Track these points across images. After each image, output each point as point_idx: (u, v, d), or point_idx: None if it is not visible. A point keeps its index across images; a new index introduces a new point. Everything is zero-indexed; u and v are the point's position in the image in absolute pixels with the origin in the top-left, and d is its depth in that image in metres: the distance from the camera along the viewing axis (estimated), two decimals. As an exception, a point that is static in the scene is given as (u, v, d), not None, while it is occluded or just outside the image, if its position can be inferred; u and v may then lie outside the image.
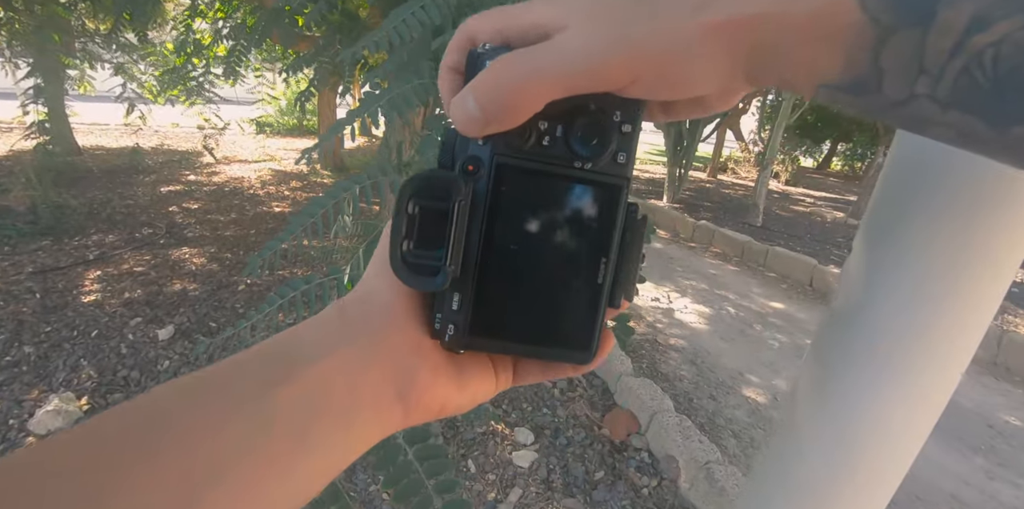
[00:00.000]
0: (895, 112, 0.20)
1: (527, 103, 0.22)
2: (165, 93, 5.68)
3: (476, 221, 0.24)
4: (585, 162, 0.24)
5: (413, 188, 0.23)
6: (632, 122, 0.24)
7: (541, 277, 0.25)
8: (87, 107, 8.46)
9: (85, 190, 4.97)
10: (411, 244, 0.24)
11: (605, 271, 0.25)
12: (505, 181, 0.24)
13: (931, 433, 0.42)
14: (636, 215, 0.25)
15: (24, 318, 2.60)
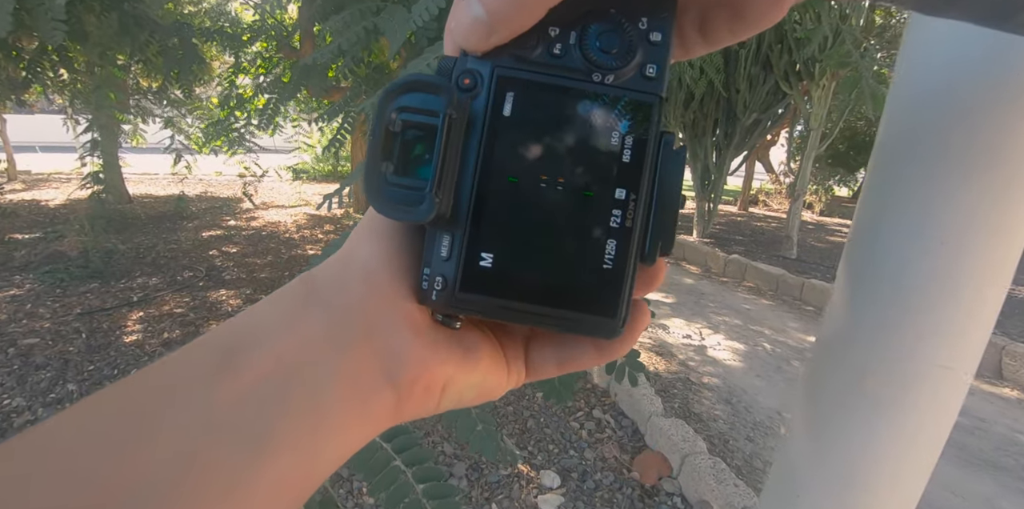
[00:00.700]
0: None
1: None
2: (210, 144, 6.06)
3: (472, 145, 0.20)
4: (606, 74, 0.20)
5: (396, 95, 0.19)
6: (663, 30, 0.20)
7: (552, 218, 0.20)
8: (138, 158, 9.04)
9: (133, 236, 5.25)
10: (391, 166, 0.19)
11: (635, 212, 0.20)
12: (508, 97, 0.20)
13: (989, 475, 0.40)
14: (672, 145, 0.20)
15: (70, 357, 2.72)
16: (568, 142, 0.20)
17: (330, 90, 3.55)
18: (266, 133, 4.56)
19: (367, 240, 0.21)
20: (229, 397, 0.16)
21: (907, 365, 0.38)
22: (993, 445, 2.44)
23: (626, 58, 0.20)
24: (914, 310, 0.37)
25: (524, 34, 0.19)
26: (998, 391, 3.04)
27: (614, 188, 0.20)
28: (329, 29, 1.55)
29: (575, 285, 0.20)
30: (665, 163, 0.20)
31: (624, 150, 0.20)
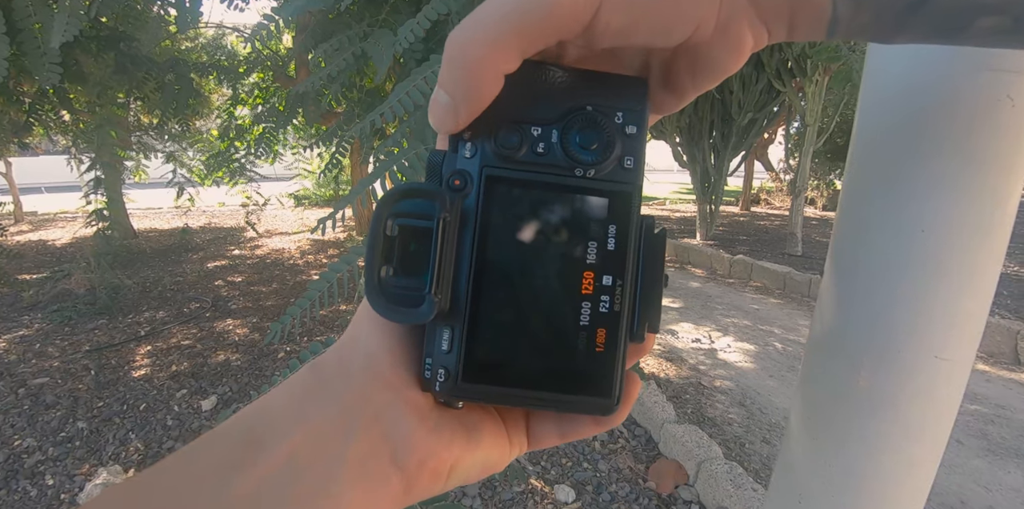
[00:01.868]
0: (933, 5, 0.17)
1: (485, 67, 0.18)
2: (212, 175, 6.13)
3: (466, 242, 0.21)
4: (587, 169, 0.21)
5: (391, 204, 0.20)
6: (637, 123, 0.21)
7: (545, 307, 0.21)
8: (142, 193, 9.15)
9: (139, 270, 5.29)
10: (390, 270, 0.20)
11: (622, 297, 0.21)
12: (497, 195, 0.21)
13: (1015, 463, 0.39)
14: (653, 228, 0.22)
15: (79, 395, 2.72)
16: (556, 235, 0.21)
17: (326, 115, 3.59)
18: (266, 161, 4.61)
19: (369, 327, 0.22)
20: (246, 490, 0.17)
21: (901, 358, 0.37)
22: (1016, 432, 2.39)
23: (605, 153, 0.21)
24: (903, 301, 0.37)
25: (508, 133, 0.21)
26: (1016, 377, 2.98)
27: (601, 275, 0.21)
28: (319, 56, 1.58)
29: (571, 370, 0.21)
30: (647, 246, 0.21)
31: (608, 238, 0.21)
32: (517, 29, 0.18)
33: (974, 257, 0.36)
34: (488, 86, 0.19)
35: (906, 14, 0.17)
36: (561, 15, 0.17)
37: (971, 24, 0.17)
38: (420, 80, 1.23)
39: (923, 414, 0.38)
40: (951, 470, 2.12)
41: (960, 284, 0.36)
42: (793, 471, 0.41)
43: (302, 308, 1.03)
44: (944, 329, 0.37)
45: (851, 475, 0.38)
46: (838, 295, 0.40)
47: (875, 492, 0.39)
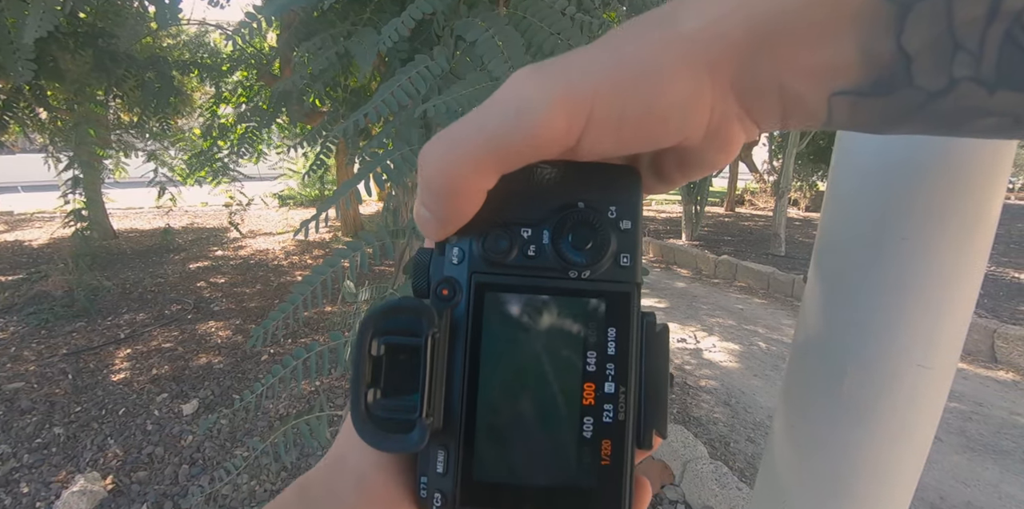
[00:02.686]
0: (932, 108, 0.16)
1: (463, 188, 0.18)
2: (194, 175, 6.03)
3: (457, 356, 0.20)
4: (582, 270, 0.20)
5: (375, 323, 0.19)
6: (632, 217, 0.20)
7: (545, 421, 0.20)
8: (122, 193, 8.98)
9: (119, 271, 5.19)
10: (378, 393, 0.19)
11: (626, 404, 0.20)
12: (488, 303, 0.20)
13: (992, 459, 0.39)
14: (654, 326, 0.20)
15: (56, 399, 2.66)
16: (552, 342, 0.20)
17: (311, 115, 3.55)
18: (250, 161, 4.55)
19: (356, 448, 0.21)
20: None
21: (883, 365, 0.37)
22: (993, 429, 2.44)
23: (600, 252, 0.20)
24: (884, 308, 0.37)
25: (496, 237, 0.20)
26: (993, 374, 3.05)
27: (603, 383, 0.20)
28: (302, 54, 1.56)
29: (577, 487, 0.20)
30: (649, 347, 0.20)
31: (608, 342, 0.20)
32: (496, 152, 0.17)
33: (955, 266, 0.36)
34: (468, 205, 0.18)
35: (902, 117, 0.17)
36: (544, 139, 0.17)
37: (970, 123, 0.17)
38: (405, 80, 1.22)
39: (905, 421, 0.38)
40: (931, 466, 2.16)
41: (941, 292, 0.36)
42: (777, 477, 0.41)
43: (284, 312, 1.02)
44: (926, 337, 0.37)
45: (835, 482, 0.38)
46: (821, 302, 0.40)
47: (859, 498, 0.39)
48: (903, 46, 0.16)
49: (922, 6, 0.15)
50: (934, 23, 0.15)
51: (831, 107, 0.17)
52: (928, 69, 0.16)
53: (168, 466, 2.19)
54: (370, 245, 1.08)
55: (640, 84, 0.16)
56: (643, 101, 0.17)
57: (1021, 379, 2.98)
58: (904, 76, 0.16)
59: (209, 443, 2.34)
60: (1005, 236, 6.59)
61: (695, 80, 0.17)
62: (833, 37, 0.16)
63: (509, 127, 0.16)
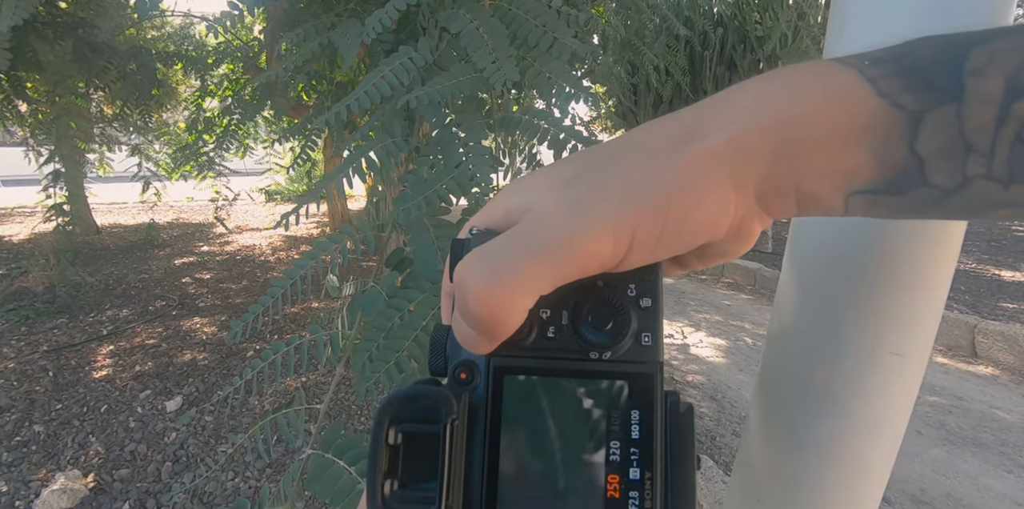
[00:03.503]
0: (948, 203, 0.17)
1: (512, 312, 0.18)
2: (179, 169, 5.95)
3: (476, 443, 0.19)
4: (602, 351, 0.20)
5: (392, 411, 0.18)
6: (652, 294, 0.20)
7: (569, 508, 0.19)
8: (106, 187, 8.85)
9: (102, 267, 5.12)
10: (395, 484, 0.18)
11: (652, 491, 0.19)
12: (507, 387, 0.20)
13: (971, 452, 0.39)
14: (678, 406, 0.20)
15: (36, 397, 2.61)
16: (574, 427, 0.19)
17: (297, 108, 3.51)
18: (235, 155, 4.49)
19: None
20: None
21: (856, 354, 0.37)
22: (973, 422, 2.48)
23: (621, 332, 0.19)
24: (857, 297, 0.36)
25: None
26: (973, 369, 3.10)
27: (628, 469, 0.19)
28: (286, 46, 1.53)
29: None
30: (674, 429, 0.19)
31: (632, 426, 0.19)
32: (543, 279, 0.17)
33: (929, 253, 0.36)
34: (514, 325, 0.18)
35: (920, 210, 0.18)
36: (590, 265, 0.17)
37: (987, 213, 0.18)
38: (388, 71, 1.21)
39: (878, 411, 0.37)
40: (911, 459, 2.19)
41: (915, 280, 0.36)
42: (752, 470, 0.41)
43: (264, 305, 1.00)
44: (899, 325, 0.36)
45: (808, 473, 0.38)
46: (795, 291, 0.40)
47: (832, 489, 0.39)
48: (917, 151, 0.16)
49: (934, 114, 0.16)
50: (946, 129, 0.16)
51: (848, 204, 0.18)
52: (942, 170, 0.16)
53: (151, 463, 2.17)
54: (352, 239, 1.07)
55: (677, 208, 0.17)
56: (680, 221, 0.17)
57: (1000, 374, 3.04)
58: (918, 177, 0.17)
59: (193, 440, 2.31)
60: (986, 234, 6.70)
61: (724, 193, 0.18)
62: (849, 145, 0.17)
63: (560, 259, 0.17)
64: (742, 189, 0.18)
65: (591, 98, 1.15)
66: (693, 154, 0.17)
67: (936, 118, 0.16)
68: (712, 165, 0.17)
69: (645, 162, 0.18)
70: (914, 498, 1.97)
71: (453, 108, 1.20)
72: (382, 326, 0.96)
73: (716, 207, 0.18)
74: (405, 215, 1.00)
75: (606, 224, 0.17)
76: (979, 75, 0.16)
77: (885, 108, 0.16)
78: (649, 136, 0.19)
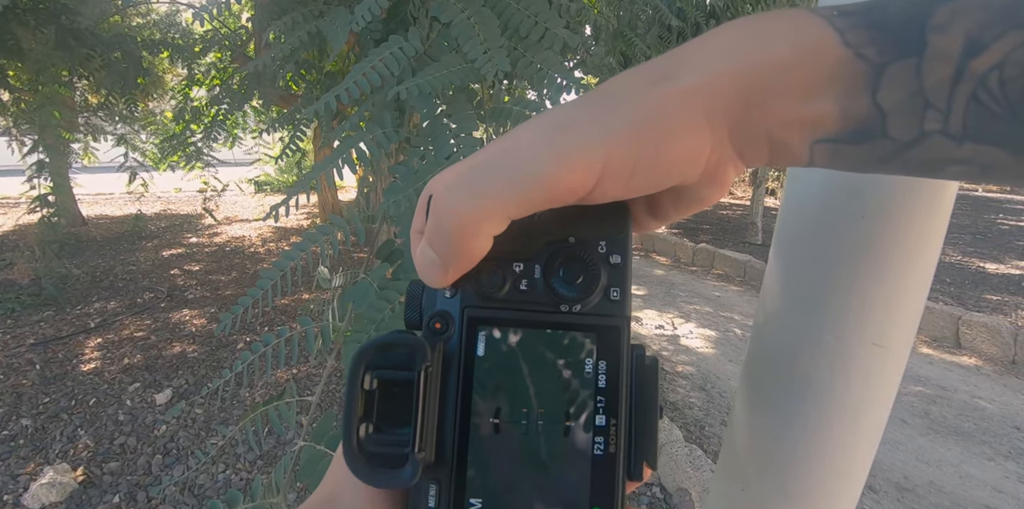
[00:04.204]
0: (905, 156, 0.18)
1: (478, 235, 0.18)
2: (166, 160, 5.86)
3: (450, 389, 0.20)
4: (573, 304, 0.20)
5: (368, 358, 0.19)
6: (621, 251, 0.21)
7: (536, 454, 0.20)
8: (92, 178, 8.72)
9: (88, 259, 5.06)
10: (370, 427, 0.19)
11: (617, 436, 0.20)
12: (480, 337, 0.20)
13: (954, 441, 0.40)
14: (644, 359, 0.21)
15: (23, 391, 2.59)
16: (544, 376, 0.20)
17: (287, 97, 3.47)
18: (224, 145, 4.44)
19: (348, 483, 0.21)
20: None
21: (837, 344, 0.37)
22: (956, 412, 2.53)
23: (590, 286, 0.20)
24: (840, 287, 0.37)
25: (489, 272, 0.20)
26: (957, 359, 3.15)
27: (594, 416, 0.20)
28: (274, 35, 1.51)
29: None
30: (639, 379, 0.20)
31: (599, 375, 0.20)
32: (513, 202, 0.18)
33: (913, 244, 0.36)
34: (477, 250, 0.19)
35: (877, 163, 0.19)
36: (562, 192, 0.18)
37: (940, 169, 0.18)
38: (377, 61, 1.19)
39: (860, 400, 0.38)
40: (895, 447, 2.23)
41: (898, 271, 0.37)
42: (737, 457, 0.41)
43: (254, 297, 1.00)
44: (882, 316, 0.37)
45: (792, 461, 0.39)
46: (779, 280, 0.40)
47: (815, 476, 0.39)
48: (878, 102, 0.17)
49: (895, 68, 0.17)
50: (906, 83, 0.17)
51: (812, 153, 0.19)
52: (901, 123, 0.17)
53: (141, 456, 2.16)
54: (342, 230, 1.06)
55: (649, 139, 0.18)
56: (652, 154, 0.18)
57: (983, 364, 3.09)
58: (879, 128, 0.17)
59: (183, 433, 2.31)
60: (971, 227, 6.78)
61: (697, 130, 0.18)
62: (815, 94, 0.17)
63: (530, 182, 0.17)
64: (716, 129, 0.18)
65: (582, 89, 1.14)
66: (668, 91, 0.18)
67: (897, 71, 0.17)
68: (687, 103, 0.18)
69: (621, 99, 0.18)
70: (898, 485, 2.01)
71: (444, 99, 1.19)
72: (373, 318, 0.96)
73: (690, 144, 0.18)
74: (395, 206, 0.99)
75: (577, 150, 0.17)
76: (941, 31, 0.16)
77: (850, 58, 0.17)
78: (626, 79, 0.19)
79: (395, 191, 1.10)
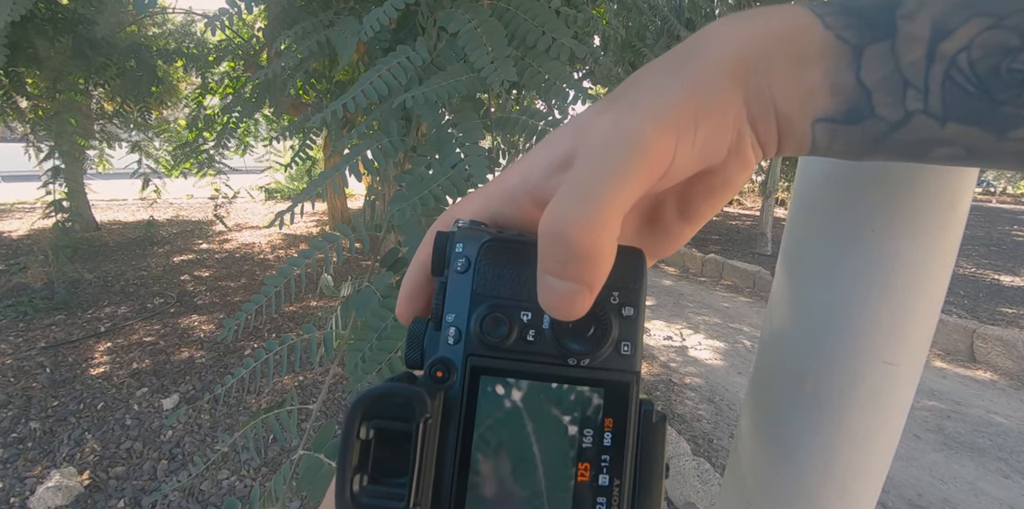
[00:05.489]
0: (895, 136, 0.19)
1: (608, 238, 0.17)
2: (179, 167, 5.94)
3: (449, 441, 0.19)
4: (581, 358, 0.20)
5: (365, 407, 0.18)
6: (634, 304, 0.20)
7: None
8: (106, 184, 8.84)
9: (101, 264, 5.11)
10: (364, 479, 0.18)
11: (619, 497, 0.19)
12: (483, 388, 0.20)
13: (968, 457, 0.38)
14: (651, 416, 0.20)
15: (33, 393, 2.61)
16: (548, 431, 0.19)
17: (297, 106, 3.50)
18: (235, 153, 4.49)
19: None
20: None
21: (847, 363, 0.36)
22: (970, 427, 2.47)
23: (601, 340, 0.19)
24: (850, 303, 0.36)
25: (496, 319, 0.19)
26: (972, 374, 3.09)
27: (598, 476, 0.19)
28: (284, 43, 1.53)
29: None
30: (646, 438, 0.20)
31: (604, 433, 0.19)
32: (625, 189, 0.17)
33: (925, 259, 0.35)
34: (611, 257, 0.18)
35: (872, 145, 0.20)
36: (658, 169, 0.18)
37: (929, 153, 0.20)
38: (385, 70, 1.20)
39: (871, 420, 0.37)
40: (909, 463, 2.18)
41: (910, 286, 0.35)
42: (742, 478, 0.40)
43: (258, 303, 1.00)
44: (892, 333, 0.36)
45: (799, 483, 0.37)
46: (786, 296, 0.39)
47: (824, 499, 0.38)
48: (862, 80, 0.18)
49: (872, 48, 0.18)
50: (885, 63, 0.18)
51: (814, 133, 0.20)
52: (886, 102, 0.18)
53: (147, 461, 2.16)
54: (347, 238, 1.06)
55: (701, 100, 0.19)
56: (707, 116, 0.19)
57: (999, 379, 3.03)
58: (868, 107, 0.19)
59: (189, 438, 2.31)
60: (985, 238, 6.69)
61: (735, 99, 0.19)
62: (807, 65, 0.19)
63: (630, 160, 0.17)
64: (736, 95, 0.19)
65: (589, 99, 1.14)
66: (699, 62, 0.19)
67: (874, 51, 0.18)
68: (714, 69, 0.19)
69: (662, 73, 0.20)
70: (911, 502, 1.97)
71: (450, 108, 1.20)
72: (376, 326, 0.95)
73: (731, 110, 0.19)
74: (400, 215, 0.99)
75: (659, 116, 0.18)
76: (909, 18, 0.18)
77: (832, 39, 0.18)
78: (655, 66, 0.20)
79: (400, 199, 1.10)
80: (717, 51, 0.19)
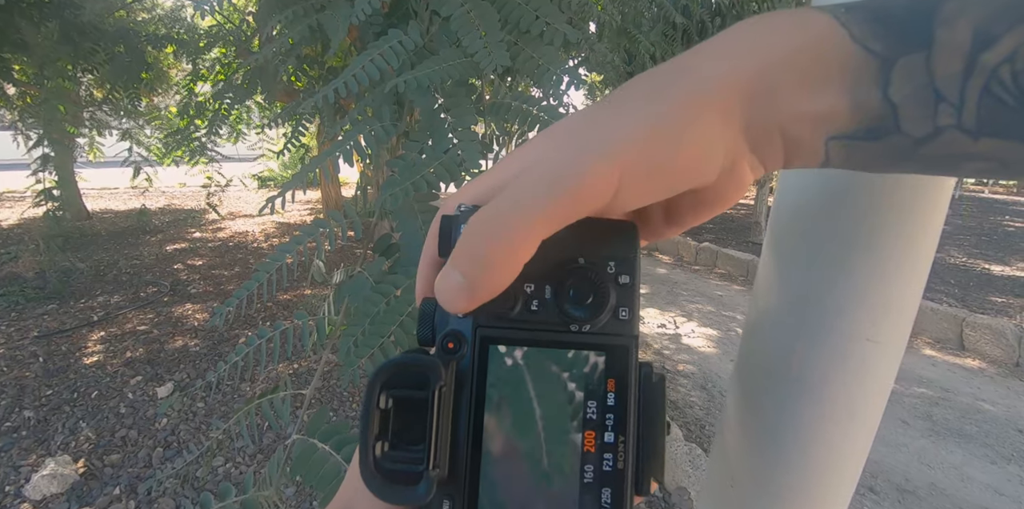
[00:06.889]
0: (921, 152, 0.18)
1: (512, 253, 0.18)
2: (170, 154, 5.87)
3: (463, 407, 0.21)
4: (582, 324, 0.21)
5: (384, 378, 0.20)
6: (630, 272, 0.21)
7: (547, 470, 0.21)
8: (96, 173, 8.75)
9: (93, 253, 5.08)
10: (386, 446, 0.20)
11: (625, 453, 0.21)
12: (492, 356, 0.21)
13: (956, 443, 0.39)
14: (651, 377, 0.21)
15: (26, 383, 2.60)
16: (554, 393, 0.21)
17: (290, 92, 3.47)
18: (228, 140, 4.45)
19: (365, 495, 0.22)
20: None
21: (830, 341, 0.36)
22: (958, 414, 2.51)
23: (600, 307, 0.21)
24: (834, 282, 0.36)
25: (502, 293, 0.20)
26: (961, 362, 3.13)
27: (603, 433, 0.21)
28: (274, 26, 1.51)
29: None
30: (646, 397, 0.21)
31: (607, 393, 0.21)
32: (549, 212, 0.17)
33: (908, 239, 0.36)
34: (510, 276, 0.19)
35: (895, 160, 0.18)
36: (589, 202, 0.17)
37: (959, 166, 0.18)
38: (377, 55, 1.18)
39: (854, 398, 0.37)
40: (897, 449, 2.22)
41: (893, 266, 0.36)
42: (727, 455, 0.41)
43: (248, 291, 0.99)
44: (876, 311, 0.36)
45: (782, 459, 0.38)
46: (771, 277, 0.39)
47: (806, 476, 0.39)
48: (889, 97, 0.17)
49: (905, 61, 0.16)
50: (916, 77, 0.16)
51: (828, 150, 0.19)
52: (914, 118, 0.17)
53: (142, 449, 2.17)
54: (338, 224, 1.06)
55: (663, 139, 0.18)
56: (667, 154, 0.18)
57: (987, 367, 3.07)
58: (892, 124, 0.17)
59: (184, 426, 2.32)
60: (977, 228, 6.73)
61: (712, 127, 0.18)
62: (825, 86, 0.17)
63: (564, 191, 0.17)
64: (729, 127, 0.18)
65: (583, 84, 1.13)
66: (677, 92, 0.18)
67: (907, 65, 0.17)
68: (698, 101, 0.18)
69: (638, 101, 0.18)
70: (899, 487, 2.00)
71: (442, 93, 1.19)
72: (368, 311, 0.95)
73: (706, 141, 0.18)
74: (392, 200, 0.99)
75: (608, 156, 0.17)
76: (948, 25, 0.16)
77: (858, 52, 0.17)
78: (640, 82, 0.19)
79: (392, 185, 1.10)
80: (703, 80, 0.18)
